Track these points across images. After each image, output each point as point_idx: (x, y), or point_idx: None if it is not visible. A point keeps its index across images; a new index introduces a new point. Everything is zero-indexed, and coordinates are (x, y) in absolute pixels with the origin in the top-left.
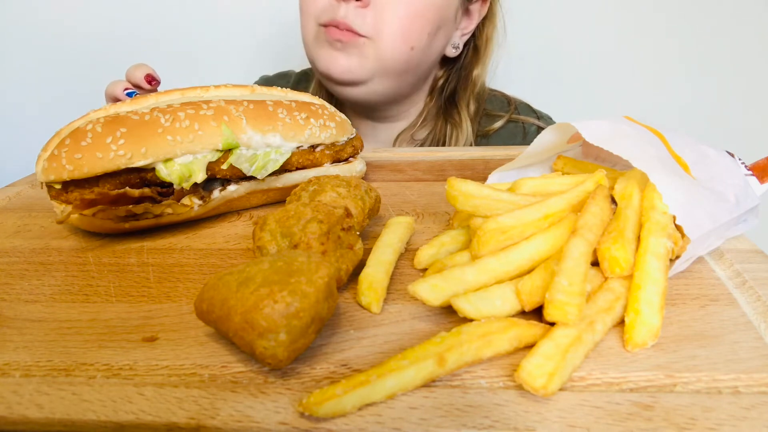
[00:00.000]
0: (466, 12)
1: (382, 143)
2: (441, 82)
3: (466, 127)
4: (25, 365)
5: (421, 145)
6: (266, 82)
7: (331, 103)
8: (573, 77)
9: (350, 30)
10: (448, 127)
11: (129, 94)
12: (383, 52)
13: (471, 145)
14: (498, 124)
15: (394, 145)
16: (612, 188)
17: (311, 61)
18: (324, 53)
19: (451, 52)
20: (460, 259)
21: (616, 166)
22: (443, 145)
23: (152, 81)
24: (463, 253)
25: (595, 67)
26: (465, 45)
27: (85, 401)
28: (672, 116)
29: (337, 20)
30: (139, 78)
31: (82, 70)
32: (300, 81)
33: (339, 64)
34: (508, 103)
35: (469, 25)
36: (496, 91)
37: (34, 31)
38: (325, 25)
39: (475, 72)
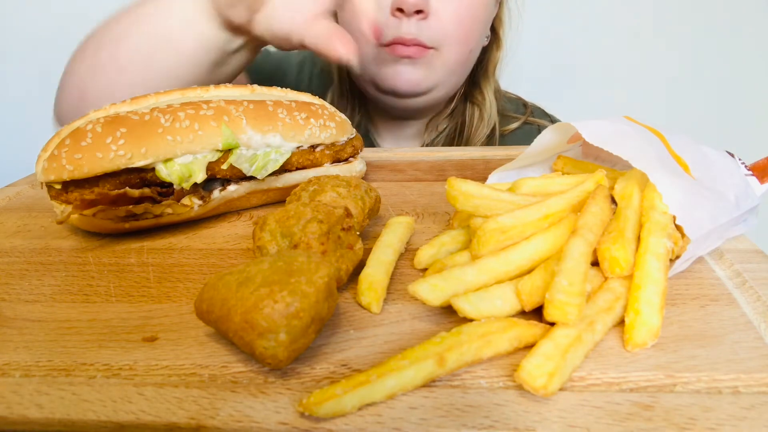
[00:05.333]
0: None
1: (407, 137)
2: None
3: (489, 105)
4: (25, 365)
5: (444, 131)
6: (267, 56)
7: (355, 104)
8: (572, 77)
9: (419, 44)
10: (469, 107)
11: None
12: (448, 60)
13: (496, 124)
14: (514, 125)
15: (423, 136)
16: (612, 188)
17: (371, 81)
18: (389, 71)
19: (484, 42)
20: (460, 259)
21: (616, 166)
22: (464, 128)
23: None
24: (463, 253)
25: (595, 67)
26: None
27: (85, 401)
28: (672, 116)
29: (403, 37)
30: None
31: None
32: (303, 65)
33: (406, 78)
34: (524, 106)
35: (495, 11)
36: (510, 93)
37: (35, 32)
38: (388, 44)
39: (498, 54)
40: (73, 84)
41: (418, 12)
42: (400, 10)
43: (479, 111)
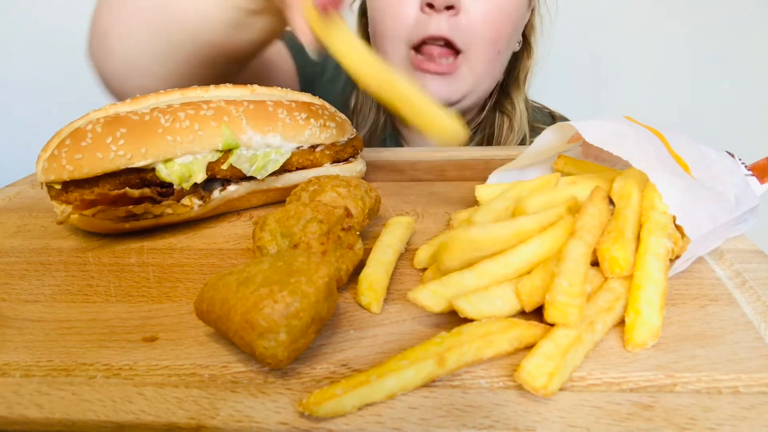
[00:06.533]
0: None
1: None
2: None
3: (520, 115)
4: (25, 365)
5: (473, 140)
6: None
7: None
8: (572, 77)
9: (448, 42)
10: (498, 117)
11: None
12: (476, 65)
13: (526, 135)
14: None
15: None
16: (610, 189)
17: None
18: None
19: (516, 47)
20: None
21: (616, 165)
22: (493, 138)
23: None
24: None
25: (595, 67)
26: None
27: (85, 401)
28: (672, 116)
29: (432, 34)
30: None
31: (82, 70)
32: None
33: (434, 92)
34: (552, 117)
35: (527, 16)
36: (537, 103)
37: (35, 32)
38: (418, 47)
39: (529, 62)
40: (98, 18)
41: (449, 8)
42: (430, 5)
43: (509, 121)
